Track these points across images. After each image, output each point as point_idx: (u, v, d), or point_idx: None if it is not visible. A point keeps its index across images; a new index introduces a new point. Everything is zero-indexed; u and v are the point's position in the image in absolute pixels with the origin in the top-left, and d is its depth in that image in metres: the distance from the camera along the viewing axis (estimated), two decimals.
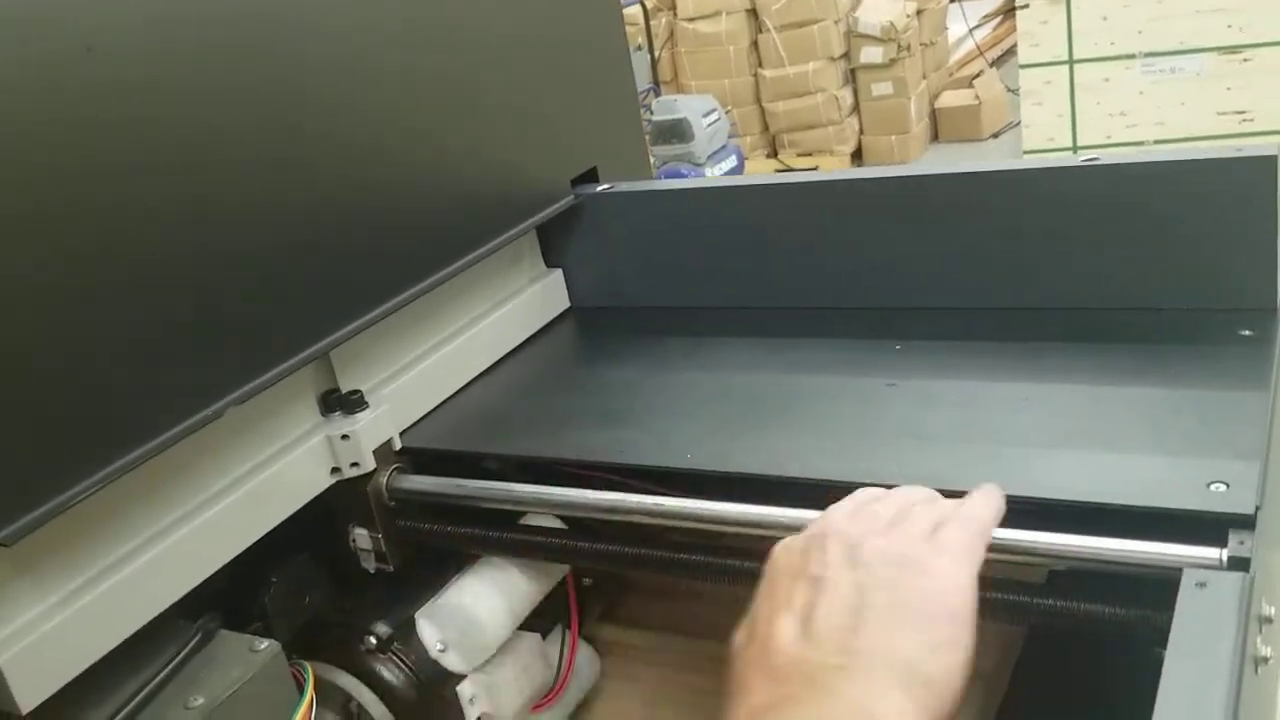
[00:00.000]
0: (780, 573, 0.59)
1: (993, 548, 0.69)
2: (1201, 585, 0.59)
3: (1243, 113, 3.86)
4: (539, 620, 0.95)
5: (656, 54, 5.39)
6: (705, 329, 1.05)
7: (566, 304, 1.15)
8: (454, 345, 1.00)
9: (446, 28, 0.94)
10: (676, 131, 4.46)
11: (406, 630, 0.88)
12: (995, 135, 5.53)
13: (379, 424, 0.88)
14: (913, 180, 0.98)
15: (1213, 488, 0.66)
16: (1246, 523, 0.63)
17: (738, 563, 0.80)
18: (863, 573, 0.56)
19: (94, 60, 0.67)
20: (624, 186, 1.11)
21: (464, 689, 0.88)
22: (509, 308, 1.07)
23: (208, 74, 0.74)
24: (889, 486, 0.73)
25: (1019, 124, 4.45)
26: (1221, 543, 0.62)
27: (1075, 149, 4.07)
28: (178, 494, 0.77)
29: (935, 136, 5.69)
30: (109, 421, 0.68)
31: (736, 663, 0.56)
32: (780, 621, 0.55)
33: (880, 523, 0.60)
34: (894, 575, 0.55)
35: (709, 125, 4.54)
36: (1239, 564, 0.61)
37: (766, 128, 5.50)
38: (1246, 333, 0.83)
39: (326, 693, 0.85)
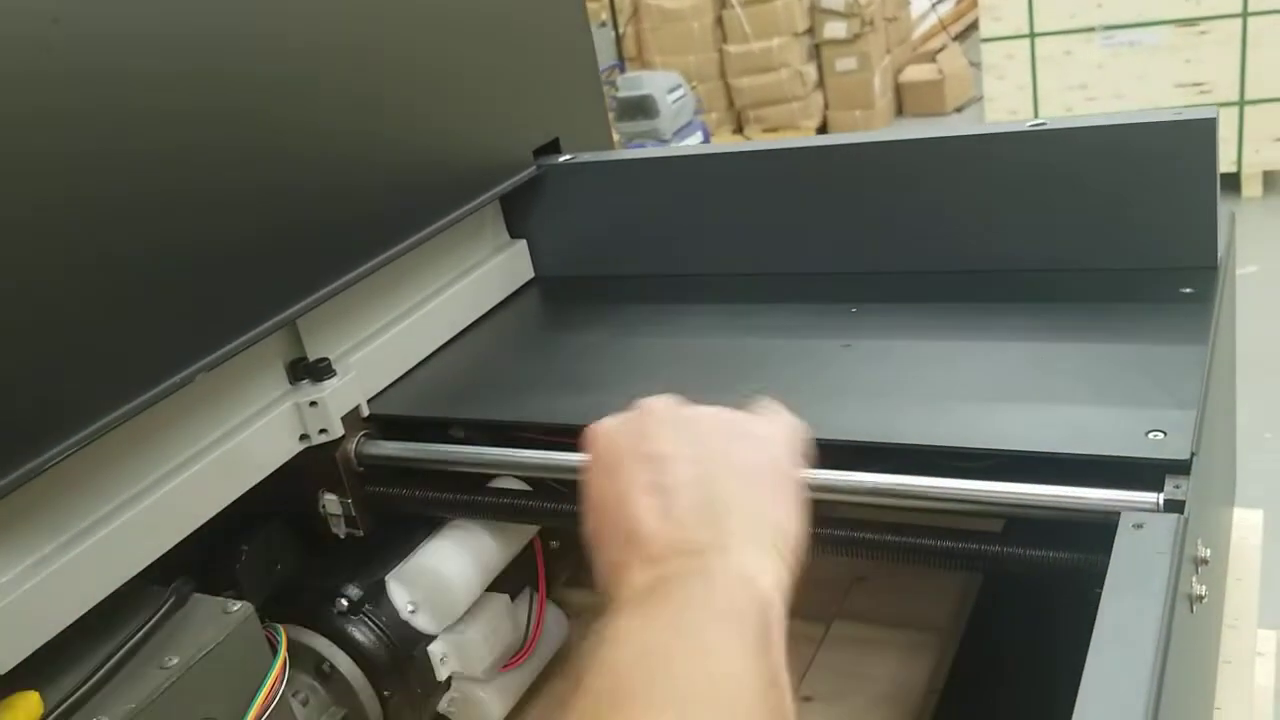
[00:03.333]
0: (614, 454, 0.59)
1: (943, 497, 0.73)
2: (1138, 527, 0.62)
3: (1200, 84, 3.92)
4: (508, 583, 0.97)
5: (621, 30, 5.39)
6: (667, 296, 1.07)
7: (531, 274, 1.16)
8: (420, 314, 1.01)
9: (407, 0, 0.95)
10: (642, 108, 4.46)
11: (377, 592, 0.90)
12: (959, 109, 5.58)
13: (347, 391, 0.90)
14: (866, 147, 1.00)
15: (1151, 436, 0.69)
16: (1182, 468, 0.66)
17: None
18: (697, 445, 0.57)
19: (61, 32, 0.67)
20: (586, 157, 1.13)
21: (434, 649, 0.90)
22: (473, 277, 1.08)
23: (174, 48, 0.75)
24: (845, 441, 0.76)
25: (982, 98, 4.49)
26: (1158, 487, 0.65)
27: None
28: (149, 461, 0.78)
29: (899, 111, 5.72)
30: (81, 387, 0.69)
31: (605, 553, 0.56)
32: (637, 505, 0.55)
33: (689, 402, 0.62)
34: (725, 442, 0.57)
35: (674, 101, 4.55)
36: (1174, 506, 0.64)
37: (732, 103, 5.52)
38: (1187, 290, 0.86)
39: (300, 654, 0.86)
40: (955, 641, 0.96)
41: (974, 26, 5.37)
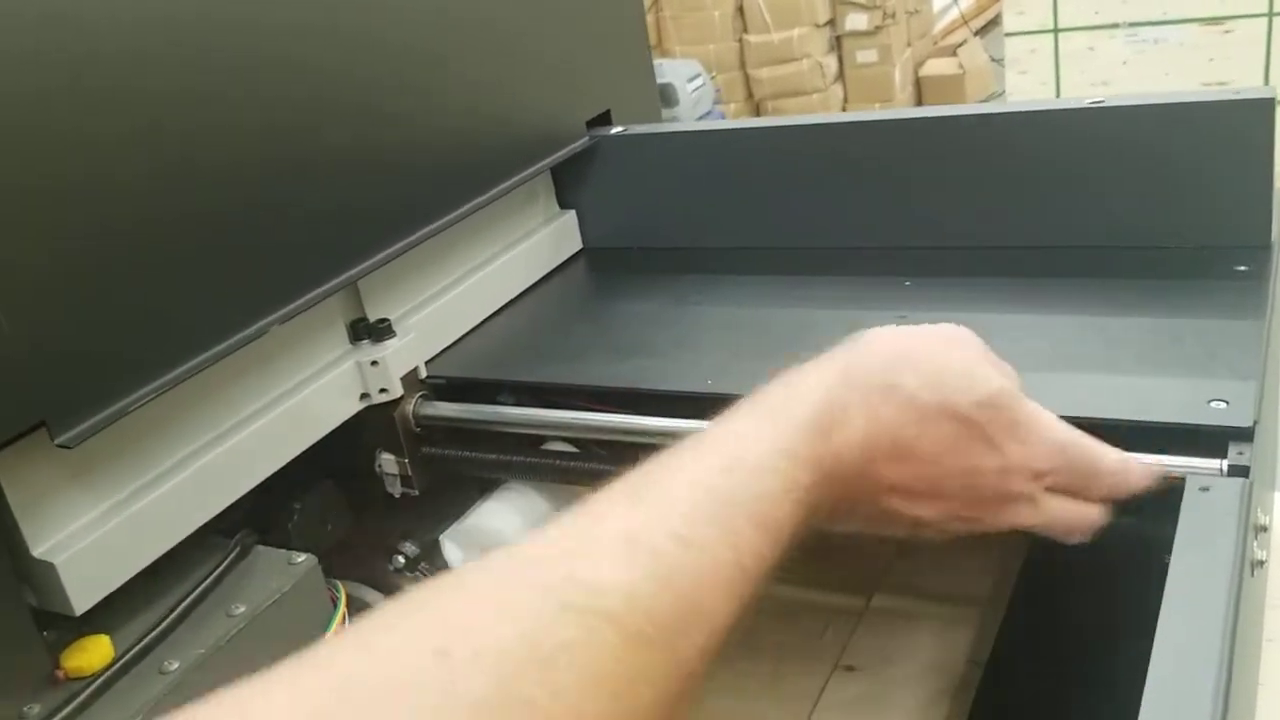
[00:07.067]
0: None
1: None
2: (1205, 490, 0.63)
3: (1224, 83, 3.91)
4: None
5: None
6: (718, 268, 1.08)
7: (579, 245, 1.17)
8: (473, 280, 1.03)
9: None
10: (661, 96, 4.47)
11: (432, 550, 0.91)
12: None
13: (406, 351, 0.91)
14: (920, 122, 1.01)
15: (1213, 405, 0.70)
16: (1245, 435, 0.67)
17: None
18: None
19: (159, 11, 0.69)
20: (638, 129, 1.14)
21: None
22: (525, 245, 1.09)
23: (230, 10, 0.76)
24: None
25: (1002, 93, 4.49)
26: (1222, 454, 0.66)
27: None
28: (218, 412, 0.79)
29: (919, 105, 5.72)
30: (166, 333, 0.71)
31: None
32: None
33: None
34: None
35: (694, 91, 4.55)
36: (1239, 471, 0.65)
37: (751, 94, 5.51)
38: (1243, 268, 0.87)
39: (357, 608, 0.88)
40: (998, 614, 0.97)
41: (996, 21, 5.37)
